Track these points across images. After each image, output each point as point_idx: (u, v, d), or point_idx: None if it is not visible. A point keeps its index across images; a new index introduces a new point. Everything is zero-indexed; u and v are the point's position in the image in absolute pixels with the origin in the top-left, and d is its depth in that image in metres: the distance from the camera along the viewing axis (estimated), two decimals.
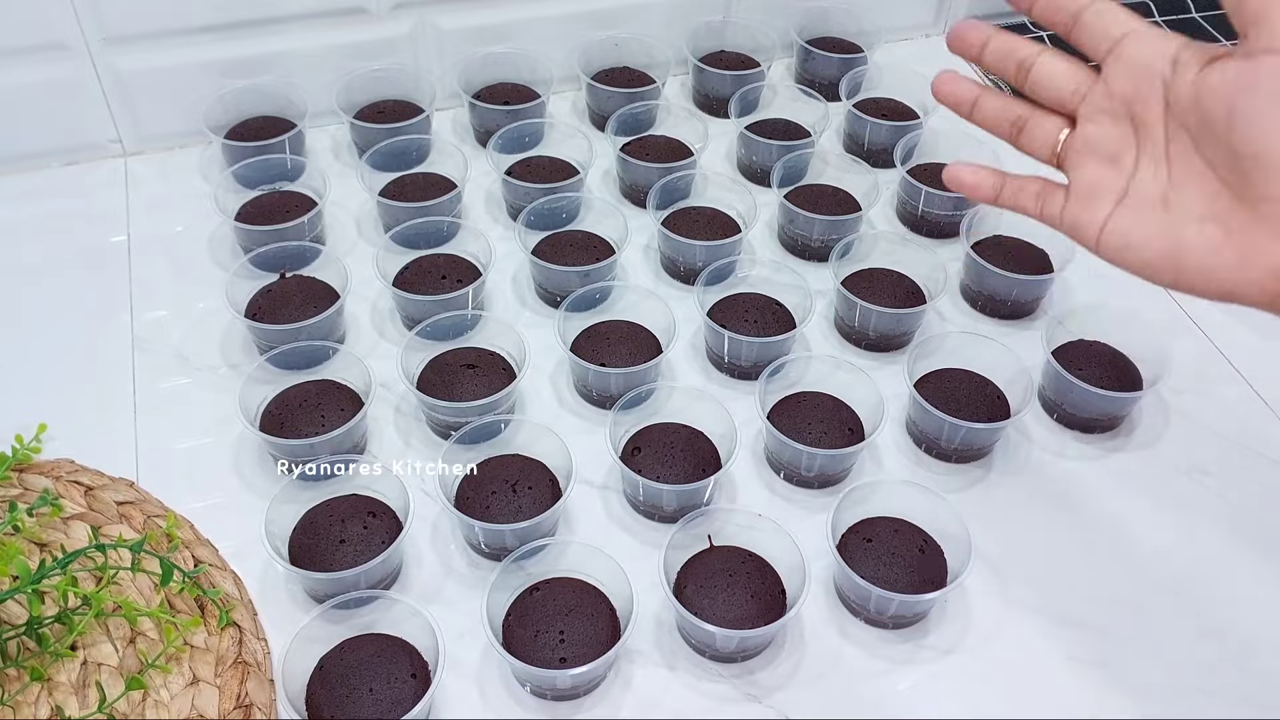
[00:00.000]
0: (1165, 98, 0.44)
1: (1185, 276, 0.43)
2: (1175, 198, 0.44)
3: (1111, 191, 0.46)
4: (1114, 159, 0.46)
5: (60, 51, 0.85)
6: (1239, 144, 0.41)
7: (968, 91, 0.53)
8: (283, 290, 0.79)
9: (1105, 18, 0.47)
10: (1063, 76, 0.49)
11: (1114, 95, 0.46)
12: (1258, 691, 0.62)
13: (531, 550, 0.63)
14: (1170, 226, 0.44)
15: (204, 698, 0.59)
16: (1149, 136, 0.45)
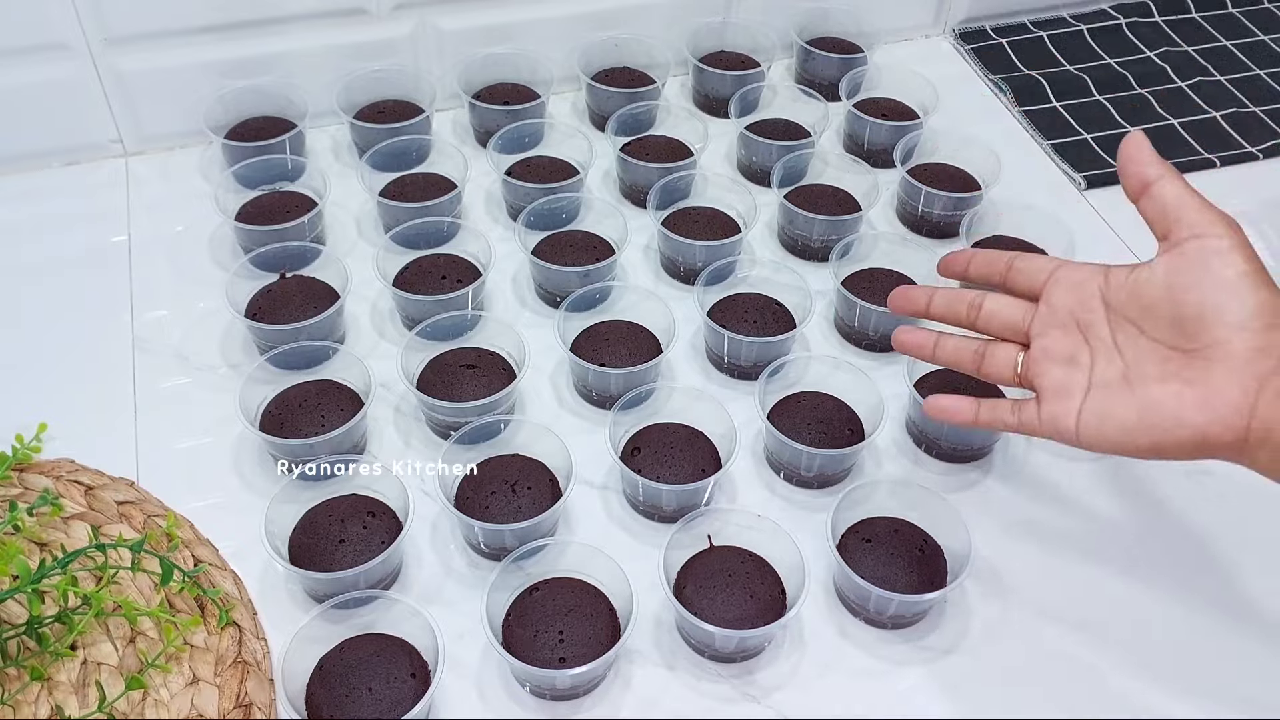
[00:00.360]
0: (1104, 301, 0.53)
1: (1159, 431, 0.49)
2: (1134, 373, 0.50)
3: (1078, 386, 0.53)
4: (1071, 360, 0.53)
5: (61, 51, 0.86)
6: (1180, 308, 0.49)
7: (926, 338, 0.61)
8: (283, 290, 0.79)
9: (1036, 261, 0.57)
10: (1010, 307, 0.58)
11: (1058, 311, 0.55)
12: (1258, 691, 0.62)
13: (531, 550, 0.63)
14: (1136, 395, 0.50)
15: (204, 697, 0.59)
16: (1097, 335, 0.53)
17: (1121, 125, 1.01)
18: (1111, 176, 0.96)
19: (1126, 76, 1.07)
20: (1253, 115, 1.02)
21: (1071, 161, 0.98)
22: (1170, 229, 0.51)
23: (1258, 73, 1.08)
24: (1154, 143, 1.00)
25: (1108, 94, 1.05)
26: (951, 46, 1.12)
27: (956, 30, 1.12)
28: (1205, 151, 0.98)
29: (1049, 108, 1.03)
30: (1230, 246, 0.49)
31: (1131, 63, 1.09)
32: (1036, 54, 1.10)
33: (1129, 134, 0.55)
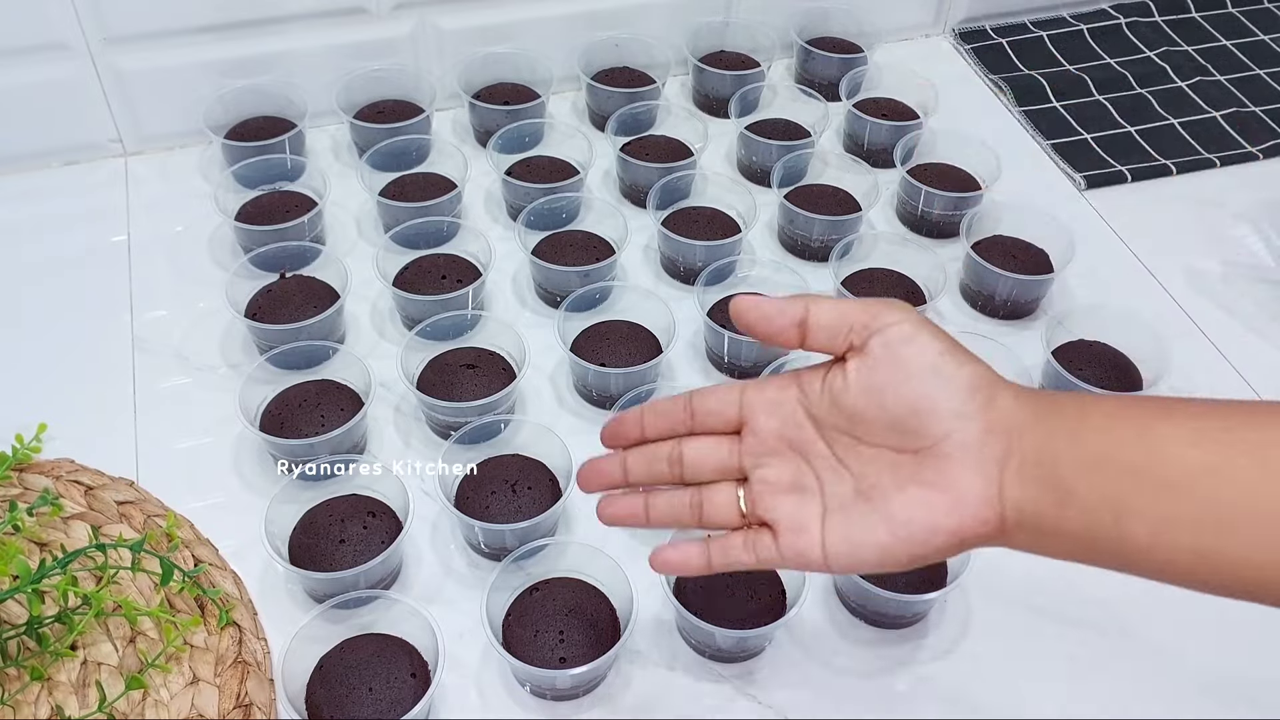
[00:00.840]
0: (809, 415, 0.47)
1: (916, 544, 0.45)
2: (867, 486, 0.46)
3: (813, 513, 0.47)
4: (798, 486, 0.48)
5: (60, 51, 0.85)
6: (889, 412, 0.44)
7: (634, 504, 0.52)
8: (283, 290, 0.79)
9: (715, 392, 0.50)
10: (712, 446, 0.50)
11: (765, 437, 0.48)
12: (1258, 691, 0.62)
13: (531, 550, 0.63)
14: (879, 511, 0.45)
15: (204, 697, 0.59)
16: (815, 453, 0.47)
17: (1121, 125, 1.01)
18: (1112, 176, 0.96)
19: (1126, 76, 1.07)
20: (1253, 115, 1.02)
21: (1071, 161, 0.98)
22: (845, 341, 0.46)
23: (1258, 73, 1.08)
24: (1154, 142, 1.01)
25: (1108, 94, 1.05)
26: (951, 46, 1.12)
27: (956, 30, 1.12)
28: (1205, 151, 0.98)
29: (1049, 108, 1.03)
30: (914, 329, 0.44)
31: (1131, 63, 1.09)
32: (1036, 54, 1.10)
33: (737, 300, 0.49)
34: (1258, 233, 0.92)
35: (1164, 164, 0.97)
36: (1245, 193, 0.95)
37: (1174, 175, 0.97)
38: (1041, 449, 0.43)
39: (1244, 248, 0.91)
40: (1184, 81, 1.06)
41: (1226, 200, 0.95)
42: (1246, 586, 0.40)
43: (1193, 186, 0.96)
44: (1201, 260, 0.89)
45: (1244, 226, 0.92)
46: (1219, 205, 0.94)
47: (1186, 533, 0.40)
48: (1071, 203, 0.94)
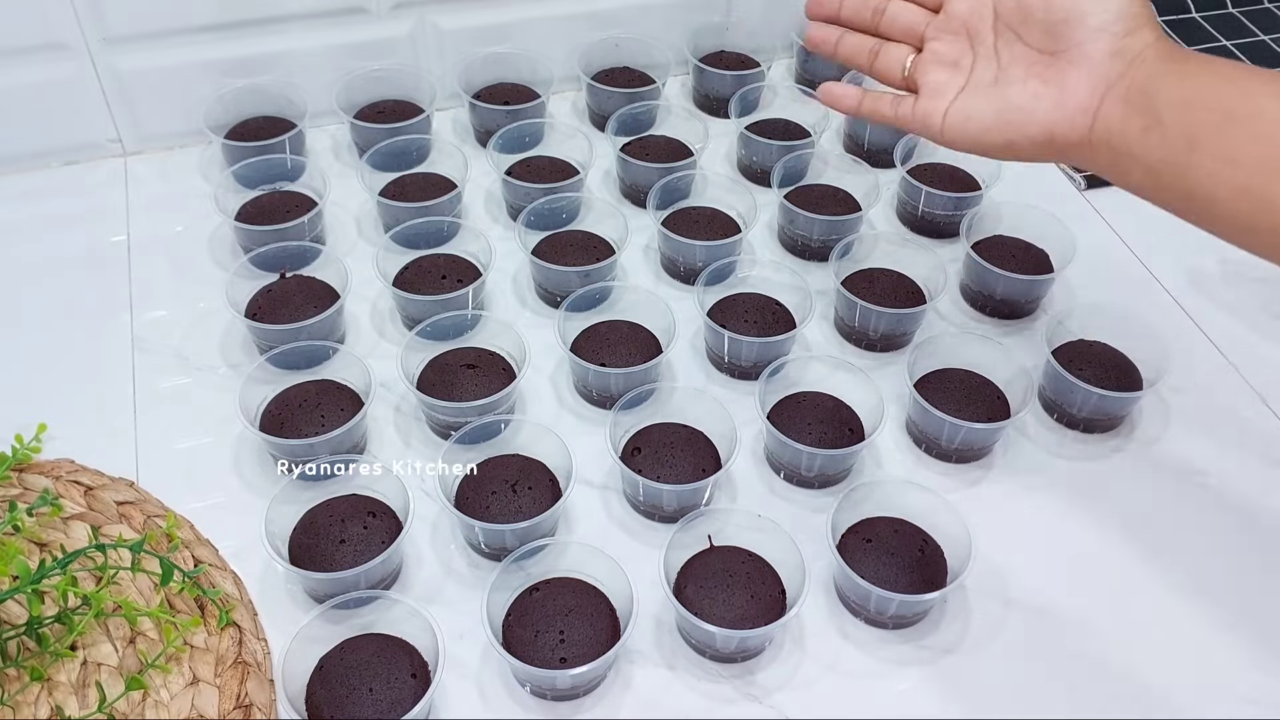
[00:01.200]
0: (994, 10, 0.56)
1: (1012, 129, 0.53)
2: (1003, 75, 0.54)
3: (954, 86, 0.57)
4: (955, 64, 0.57)
5: (60, 51, 0.85)
6: (1052, 13, 0.52)
7: (831, 33, 0.64)
8: (283, 290, 0.79)
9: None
10: (910, 12, 0.61)
11: (953, 18, 0.58)
12: (1258, 691, 0.62)
13: (531, 550, 0.63)
14: (999, 95, 0.54)
15: (204, 698, 0.59)
16: (982, 42, 0.56)
17: None
18: None
19: None
20: None
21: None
22: None
23: None
24: None
25: None
26: None
27: None
28: None
29: None
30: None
31: None
32: None
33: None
34: None
35: None
36: None
37: None
38: (1150, 80, 0.49)
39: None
40: None
41: None
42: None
43: None
44: (1201, 260, 0.89)
45: None
46: None
47: (1244, 172, 0.46)
48: (1071, 203, 0.94)
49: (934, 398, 0.72)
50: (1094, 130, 0.50)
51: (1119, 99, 0.50)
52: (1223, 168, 0.46)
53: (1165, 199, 0.50)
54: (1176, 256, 0.89)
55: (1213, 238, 0.94)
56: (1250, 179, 0.46)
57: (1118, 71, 0.50)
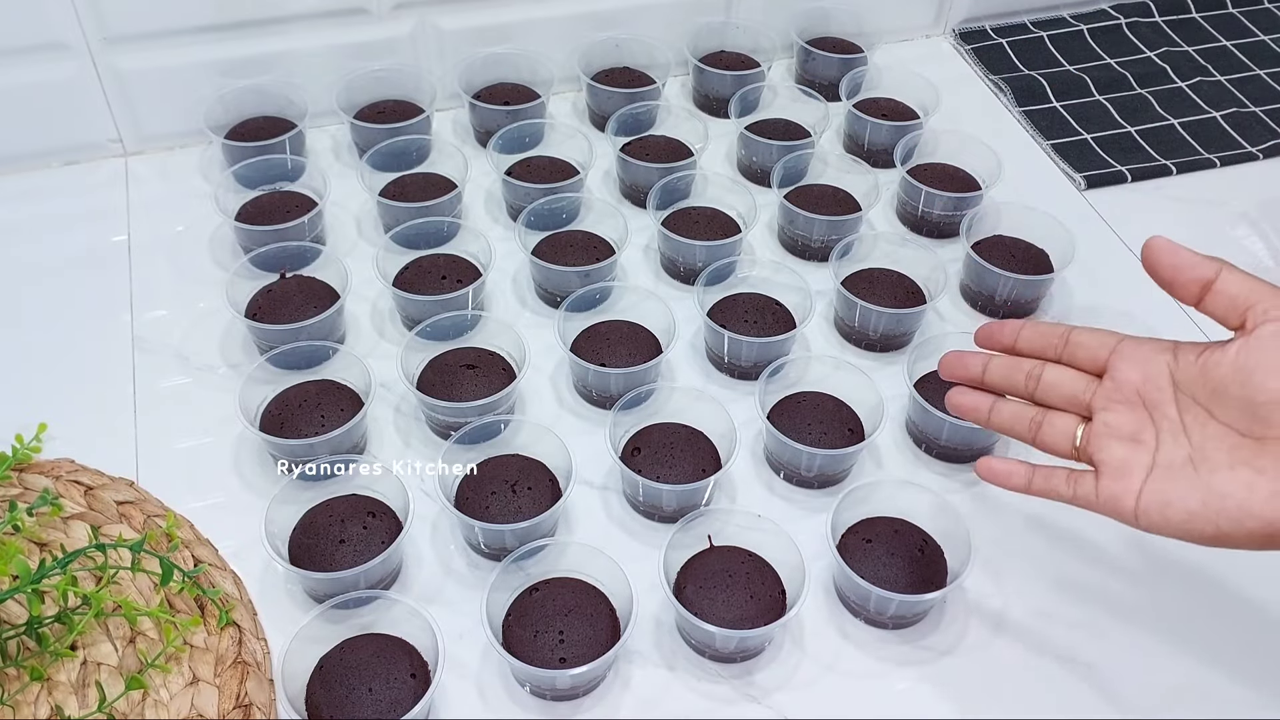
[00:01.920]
0: (1173, 379, 0.51)
1: (1226, 521, 0.46)
2: (1200, 457, 0.48)
3: (1141, 465, 0.50)
4: (1135, 438, 0.51)
5: (60, 51, 0.85)
6: (1254, 394, 0.46)
7: (983, 401, 0.58)
8: (283, 290, 0.79)
9: (1097, 335, 0.55)
10: (1071, 378, 0.55)
11: (1123, 385, 0.52)
12: (1258, 691, 0.62)
13: (531, 550, 0.63)
14: (1203, 480, 0.48)
15: (203, 697, 0.59)
16: (1164, 415, 0.51)
17: (1121, 125, 1.01)
18: (1112, 176, 0.96)
19: (1126, 76, 1.07)
20: (1253, 115, 1.02)
21: (1071, 161, 0.98)
22: (1244, 316, 0.48)
23: (1258, 73, 1.08)
24: (1154, 143, 1.01)
25: (1108, 94, 1.05)
26: (951, 46, 1.12)
27: (956, 30, 1.12)
28: (1205, 151, 0.98)
29: (1049, 108, 1.03)
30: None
31: (1131, 63, 1.09)
32: (1036, 54, 1.10)
33: (1152, 241, 0.52)
34: (1258, 233, 0.92)
35: (1164, 164, 0.97)
36: (1245, 193, 0.95)
37: (1174, 175, 0.97)
38: None
39: (1244, 248, 0.91)
40: (1184, 81, 1.06)
41: (1226, 200, 0.95)
42: None
43: (1193, 186, 0.96)
44: None
45: (1244, 226, 0.92)
46: (1219, 205, 0.94)
47: None
48: (1071, 203, 0.94)
49: (934, 398, 0.72)
50: None
51: None
52: None
53: None
54: None
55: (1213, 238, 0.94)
56: None
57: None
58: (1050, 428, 0.55)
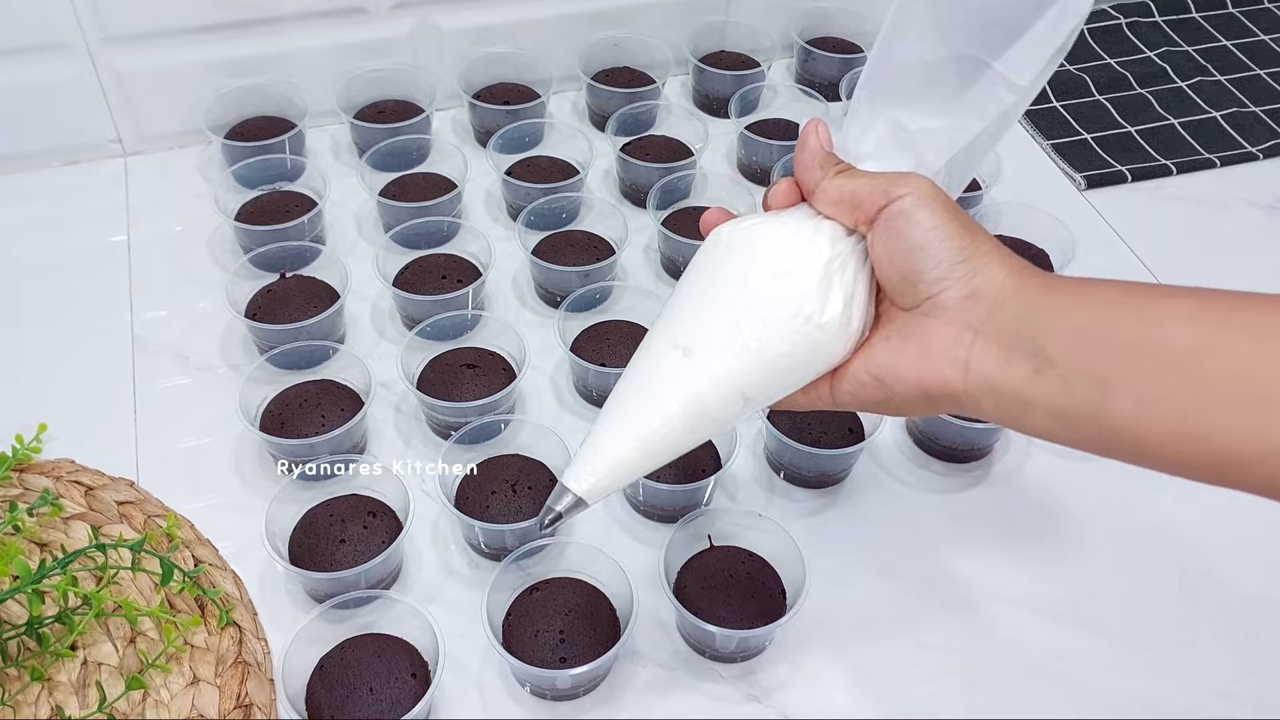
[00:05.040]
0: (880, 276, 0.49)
1: (883, 385, 0.48)
2: (874, 337, 0.49)
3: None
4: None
5: (60, 51, 0.85)
6: (895, 276, 0.47)
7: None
8: (283, 290, 0.78)
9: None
10: None
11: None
12: (1258, 691, 0.62)
13: (531, 550, 0.63)
14: (864, 354, 0.49)
15: (204, 697, 0.59)
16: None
17: (1121, 125, 1.01)
18: (1112, 176, 0.96)
19: (1126, 76, 1.07)
20: (1253, 115, 1.02)
21: (1071, 161, 0.98)
22: (861, 212, 0.48)
23: (1258, 73, 1.08)
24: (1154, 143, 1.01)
25: (1108, 94, 1.05)
26: None
27: None
28: (1205, 151, 0.98)
29: (1049, 108, 1.03)
30: (913, 204, 0.47)
31: (1131, 63, 1.09)
32: None
33: (809, 124, 0.52)
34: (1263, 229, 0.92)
35: (1164, 164, 0.97)
36: (1245, 193, 0.95)
37: (1174, 175, 0.97)
38: (1025, 319, 0.44)
39: (1244, 247, 0.91)
40: (1184, 81, 1.06)
41: (1226, 200, 0.95)
42: (1225, 471, 0.40)
43: (1193, 186, 0.96)
44: (1201, 260, 0.89)
45: (1244, 226, 0.92)
46: (1219, 205, 0.94)
47: (1174, 411, 0.40)
48: (1071, 203, 0.94)
49: None
50: (968, 382, 0.45)
51: (991, 347, 0.45)
52: (1147, 410, 0.41)
53: (1078, 442, 0.45)
54: (1176, 256, 0.89)
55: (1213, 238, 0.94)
56: (1184, 420, 0.40)
57: (980, 314, 0.45)
58: None
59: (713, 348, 0.49)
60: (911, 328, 0.47)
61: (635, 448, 0.49)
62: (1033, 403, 0.44)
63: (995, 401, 0.45)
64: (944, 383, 0.46)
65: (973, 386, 0.46)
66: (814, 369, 0.49)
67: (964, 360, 0.46)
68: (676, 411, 0.49)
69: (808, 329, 0.48)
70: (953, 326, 0.46)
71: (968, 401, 0.46)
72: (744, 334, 0.48)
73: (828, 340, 0.48)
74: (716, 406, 0.49)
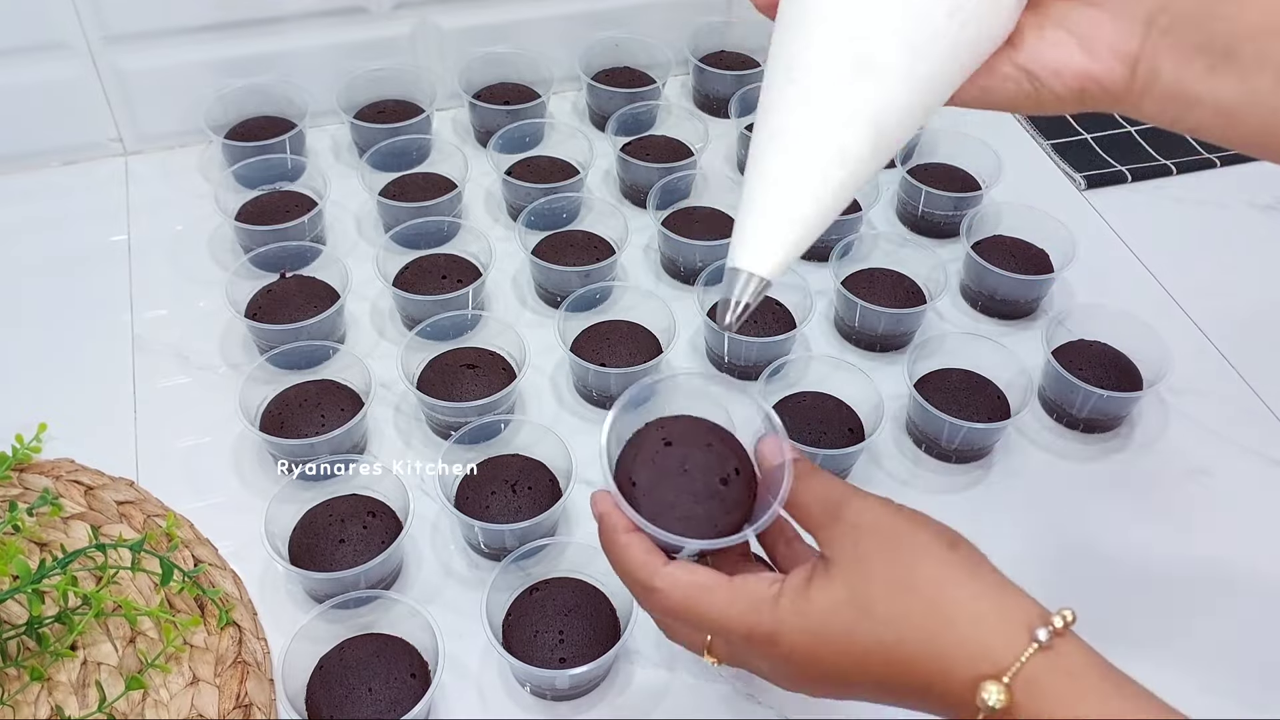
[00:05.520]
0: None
1: (1039, 80, 0.43)
2: (1025, 22, 0.44)
3: None
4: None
5: (61, 51, 0.85)
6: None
7: None
8: (283, 290, 0.78)
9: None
10: None
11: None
12: (1258, 691, 0.62)
13: (531, 550, 0.63)
14: (1016, 47, 0.43)
15: (203, 697, 0.59)
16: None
17: (1121, 125, 1.01)
18: (1112, 176, 0.96)
19: None
20: None
21: (1071, 161, 0.98)
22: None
23: None
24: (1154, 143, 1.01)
25: None
26: None
27: None
28: (1205, 151, 0.98)
29: None
30: None
31: None
32: None
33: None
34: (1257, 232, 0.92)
35: (1164, 164, 0.97)
36: (1245, 193, 0.95)
37: (1174, 175, 0.97)
38: (1206, 7, 0.41)
39: (1244, 247, 0.91)
40: None
41: (1226, 200, 0.95)
42: None
43: (1193, 186, 0.96)
44: (1202, 260, 0.89)
45: (1244, 226, 0.92)
46: (1219, 205, 0.94)
47: None
48: (1071, 203, 0.94)
49: (934, 398, 0.72)
50: (1135, 79, 0.42)
51: (1165, 37, 0.41)
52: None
53: (1241, 139, 0.42)
54: (1176, 256, 0.89)
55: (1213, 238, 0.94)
56: None
57: (1156, 4, 0.41)
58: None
59: (899, 52, 0.41)
60: (1073, 17, 0.42)
61: (814, 199, 0.42)
62: (1200, 100, 0.42)
63: (1160, 100, 0.42)
64: (1108, 82, 0.42)
65: (1140, 83, 0.42)
66: (984, 56, 0.43)
67: (1133, 55, 0.42)
68: (864, 141, 0.42)
69: (994, 5, 0.41)
70: (1123, 18, 0.42)
71: (1129, 101, 0.43)
72: (934, 29, 0.41)
73: (1008, 13, 0.42)
74: (901, 124, 0.42)
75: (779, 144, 0.42)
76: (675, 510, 0.47)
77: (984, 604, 0.42)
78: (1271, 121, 0.41)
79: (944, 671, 0.41)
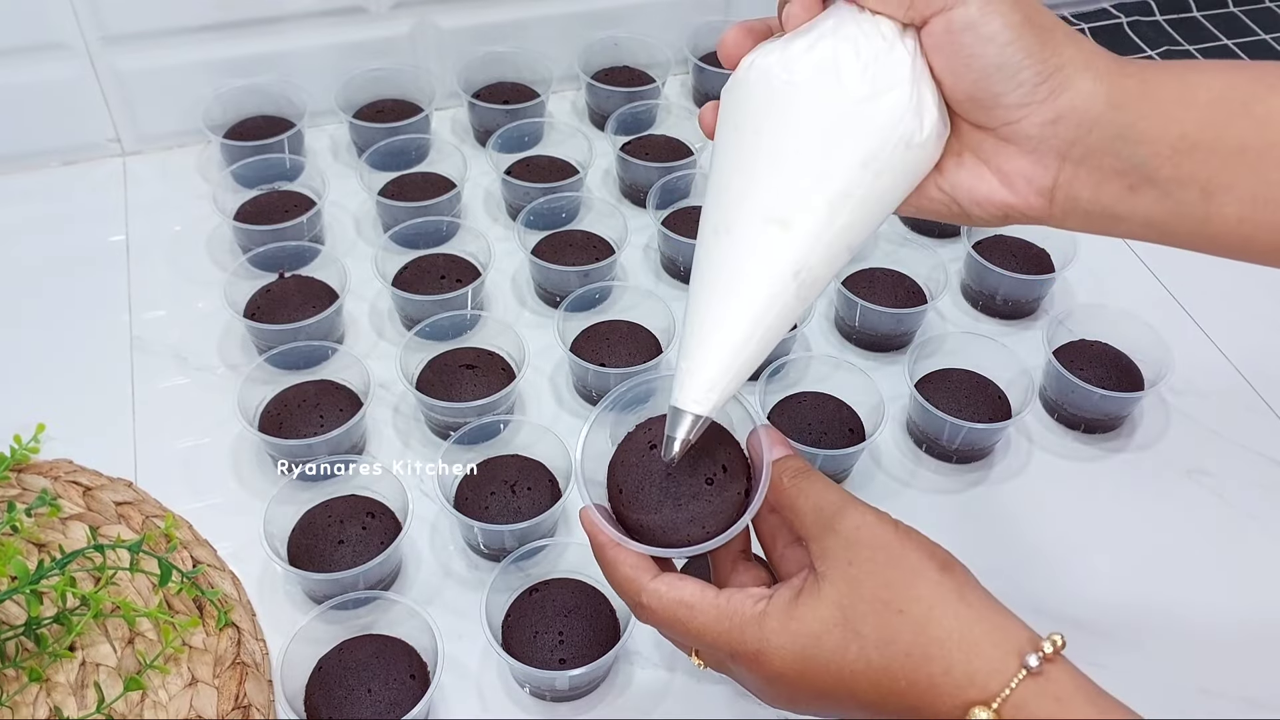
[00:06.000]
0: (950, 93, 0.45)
1: (964, 205, 0.45)
2: (947, 153, 0.45)
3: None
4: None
5: (60, 51, 0.85)
6: (956, 94, 0.43)
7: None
8: (282, 290, 0.78)
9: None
10: None
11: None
12: (1257, 691, 0.62)
13: (531, 551, 0.63)
14: (945, 177, 0.45)
15: (202, 698, 0.58)
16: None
17: None
18: None
19: None
20: None
21: None
22: (915, 11, 0.41)
23: None
24: None
25: None
26: None
27: None
28: None
29: None
30: (980, 11, 0.40)
31: None
32: None
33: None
34: None
35: None
36: None
37: None
38: (1120, 137, 0.41)
39: None
40: None
41: None
42: None
43: None
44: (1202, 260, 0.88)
45: None
46: None
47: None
48: None
49: (934, 398, 0.72)
50: (1054, 206, 0.43)
51: (1081, 170, 0.42)
52: (1257, 210, 0.40)
53: (1175, 243, 0.44)
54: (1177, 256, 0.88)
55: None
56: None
57: (1067, 139, 0.42)
58: None
59: (814, 211, 0.42)
60: (988, 150, 0.43)
61: (745, 343, 0.44)
62: (1126, 217, 0.43)
63: (1084, 219, 0.44)
64: (1027, 208, 0.44)
65: (1059, 210, 0.43)
66: (907, 192, 0.45)
67: (1049, 188, 0.43)
68: (788, 290, 0.43)
69: (909, 154, 0.42)
70: (1036, 154, 0.42)
71: (1052, 222, 0.44)
72: (846, 184, 0.42)
73: (926, 159, 0.43)
74: (823, 269, 0.44)
75: (712, 293, 0.45)
76: (658, 517, 0.48)
77: (975, 629, 0.42)
78: (1203, 230, 0.43)
79: (932, 696, 0.41)
